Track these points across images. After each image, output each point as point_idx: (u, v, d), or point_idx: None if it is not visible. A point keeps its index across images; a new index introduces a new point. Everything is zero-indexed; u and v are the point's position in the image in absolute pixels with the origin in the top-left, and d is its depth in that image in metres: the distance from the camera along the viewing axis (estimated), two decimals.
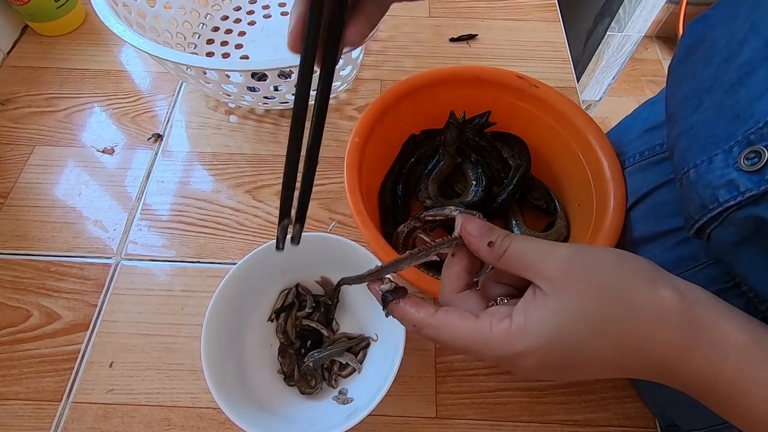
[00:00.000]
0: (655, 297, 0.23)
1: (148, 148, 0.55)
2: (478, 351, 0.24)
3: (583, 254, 0.24)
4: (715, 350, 0.22)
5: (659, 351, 0.22)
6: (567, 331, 0.22)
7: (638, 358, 0.22)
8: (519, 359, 0.23)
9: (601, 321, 0.22)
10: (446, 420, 0.40)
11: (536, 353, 0.23)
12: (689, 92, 0.33)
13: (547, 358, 0.23)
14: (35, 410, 0.40)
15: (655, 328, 0.22)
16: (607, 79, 1.43)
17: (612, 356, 0.22)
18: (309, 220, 0.50)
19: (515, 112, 0.48)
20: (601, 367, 0.23)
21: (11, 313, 0.44)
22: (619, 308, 0.22)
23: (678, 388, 0.23)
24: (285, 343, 0.42)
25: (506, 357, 0.23)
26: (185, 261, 0.47)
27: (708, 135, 0.29)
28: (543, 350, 0.23)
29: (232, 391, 0.35)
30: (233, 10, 0.66)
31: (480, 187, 0.46)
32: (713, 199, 0.27)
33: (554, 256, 0.24)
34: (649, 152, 0.40)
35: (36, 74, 0.60)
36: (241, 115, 0.58)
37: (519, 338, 0.23)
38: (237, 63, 0.53)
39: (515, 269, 0.25)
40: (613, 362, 0.23)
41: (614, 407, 0.41)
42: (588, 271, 0.23)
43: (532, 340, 0.23)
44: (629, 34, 1.28)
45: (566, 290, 0.23)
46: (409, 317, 0.26)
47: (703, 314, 0.23)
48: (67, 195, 0.51)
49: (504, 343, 0.23)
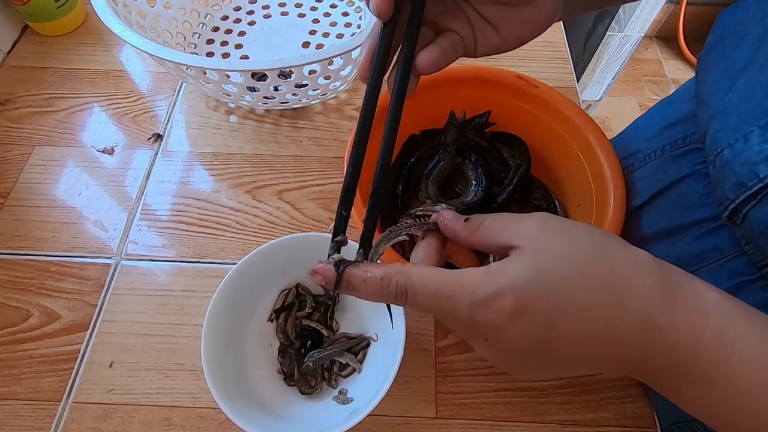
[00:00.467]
0: (630, 253, 0.23)
1: (148, 148, 0.55)
2: (450, 297, 0.22)
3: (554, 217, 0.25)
4: (695, 307, 0.22)
5: (640, 300, 0.21)
6: (548, 270, 0.22)
7: (622, 309, 0.21)
8: (496, 299, 0.21)
9: (581, 264, 0.22)
10: (446, 420, 0.40)
11: (515, 291, 0.21)
12: (720, 74, 0.32)
13: (526, 296, 0.21)
14: (35, 410, 0.40)
15: (635, 276, 0.22)
16: (607, 79, 1.43)
17: (594, 304, 0.21)
18: (309, 220, 0.50)
19: (515, 112, 0.48)
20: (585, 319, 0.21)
21: (11, 313, 0.44)
22: (598, 257, 0.22)
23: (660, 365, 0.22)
24: (285, 343, 0.42)
25: (483, 300, 0.22)
26: (185, 261, 0.47)
27: (742, 113, 0.28)
28: (522, 287, 0.21)
29: (232, 391, 0.35)
30: (233, 10, 0.66)
31: (480, 187, 0.46)
32: (752, 175, 0.26)
33: (530, 218, 0.24)
34: (671, 146, 0.40)
35: (36, 74, 0.60)
36: (241, 115, 0.58)
37: (497, 277, 0.22)
38: (237, 63, 0.53)
39: (492, 236, 0.25)
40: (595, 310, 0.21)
41: (614, 407, 0.41)
42: (564, 227, 0.24)
43: (511, 276, 0.22)
44: (629, 34, 1.28)
45: (544, 240, 0.23)
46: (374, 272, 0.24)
47: (676, 273, 0.23)
48: (67, 195, 0.51)
49: (481, 282, 0.22)
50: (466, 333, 0.24)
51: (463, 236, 0.26)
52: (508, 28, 0.28)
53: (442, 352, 0.43)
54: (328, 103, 0.58)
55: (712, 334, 0.21)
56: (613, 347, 0.22)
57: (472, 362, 0.43)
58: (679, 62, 1.84)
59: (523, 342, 0.22)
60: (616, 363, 0.23)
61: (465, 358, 0.43)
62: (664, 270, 0.23)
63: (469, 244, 0.26)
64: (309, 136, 0.56)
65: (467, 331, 0.24)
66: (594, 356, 0.22)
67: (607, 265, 0.22)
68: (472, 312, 0.22)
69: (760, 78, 0.28)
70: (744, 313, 0.22)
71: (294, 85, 0.50)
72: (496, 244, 0.24)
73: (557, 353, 0.22)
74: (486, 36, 0.28)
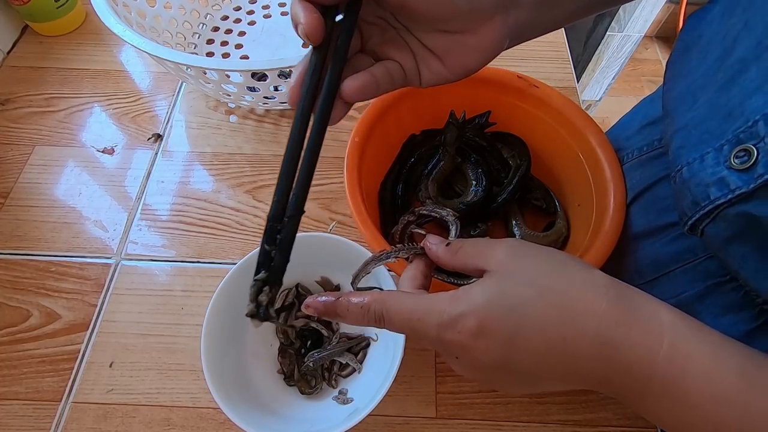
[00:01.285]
0: (589, 274, 0.24)
1: (148, 148, 0.55)
2: (421, 319, 0.24)
3: (524, 243, 0.27)
4: (650, 326, 0.23)
5: (597, 320, 0.23)
6: (508, 292, 0.23)
7: (579, 327, 0.23)
8: (460, 321, 0.23)
9: (541, 285, 0.24)
10: (446, 420, 0.40)
11: (477, 312, 0.23)
12: (684, 89, 0.33)
13: (487, 317, 0.23)
14: (35, 410, 0.40)
15: (590, 296, 0.23)
16: (607, 79, 1.43)
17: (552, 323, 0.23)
18: (309, 220, 0.50)
19: (515, 112, 0.48)
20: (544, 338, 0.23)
21: (11, 313, 0.44)
22: (556, 277, 0.24)
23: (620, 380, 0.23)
24: (285, 343, 0.42)
25: (448, 321, 0.23)
26: (185, 261, 0.47)
27: (701, 133, 0.29)
28: (484, 308, 0.23)
29: (232, 391, 0.35)
30: (233, 10, 0.66)
31: (480, 187, 0.46)
32: (705, 196, 0.27)
33: (500, 243, 0.26)
34: (648, 147, 0.41)
35: (36, 74, 0.60)
36: (241, 115, 0.58)
37: (461, 300, 0.24)
38: (237, 63, 0.53)
39: (470, 260, 0.27)
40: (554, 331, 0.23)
41: (614, 407, 0.41)
42: (529, 251, 0.26)
43: (474, 299, 0.23)
44: (629, 34, 1.28)
45: (510, 266, 0.25)
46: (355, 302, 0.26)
47: (633, 293, 0.24)
48: (67, 195, 0.51)
49: (447, 305, 0.24)
50: (439, 351, 0.26)
51: (444, 260, 0.28)
52: (453, 58, 0.27)
53: None
54: None
55: (666, 352, 0.22)
56: (574, 364, 0.23)
57: None
58: None
59: (488, 359, 0.24)
60: (581, 378, 0.24)
61: None
62: (620, 291, 0.24)
63: (450, 267, 0.28)
64: None
65: (439, 350, 0.26)
66: (559, 372, 0.24)
67: (564, 285, 0.24)
68: (439, 332, 0.24)
69: (718, 100, 0.28)
70: (696, 330, 0.23)
71: None
72: (473, 267, 0.26)
73: (522, 369, 0.24)
74: (430, 66, 0.28)
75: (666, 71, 0.37)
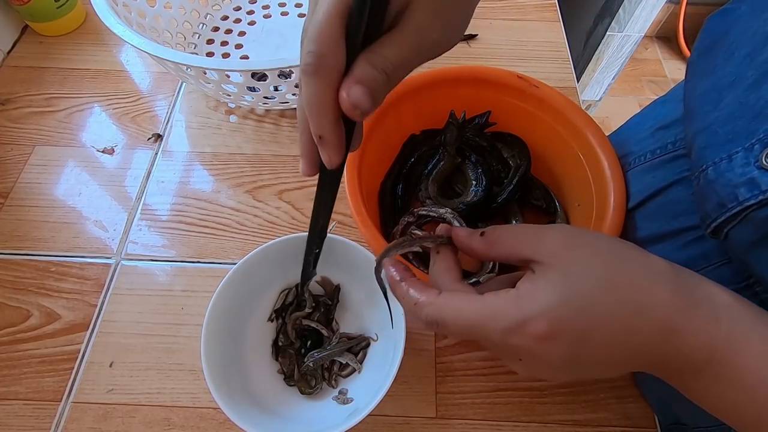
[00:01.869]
0: (648, 260, 0.24)
1: (148, 148, 0.55)
2: (485, 325, 0.23)
3: (575, 229, 0.25)
4: (710, 311, 0.23)
5: (661, 310, 0.22)
6: (576, 290, 0.23)
7: (644, 318, 0.22)
8: (530, 324, 0.22)
9: (607, 279, 0.23)
10: (446, 420, 0.40)
11: (547, 314, 0.22)
12: (709, 87, 0.32)
13: (558, 319, 0.22)
14: (35, 410, 0.40)
15: (654, 286, 0.23)
16: (607, 79, 1.43)
17: (620, 317, 0.22)
18: (309, 219, 0.50)
19: (515, 112, 0.48)
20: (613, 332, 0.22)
21: (11, 313, 0.44)
22: (620, 270, 0.23)
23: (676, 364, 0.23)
24: (285, 343, 0.42)
25: (516, 325, 0.22)
26: (185, 261, 0.47)
27: (728, 132, 0.28)
28: (554, 310, 0.22)
29: (232, 391, 0.35)
30: (233, 10, 0.66)
31: (480, 187, 0.46)
32: (732, 197, 0.27)
33: (549, 231, 0.25)
34: (661, 150, 0.40)
35: (36, 74, 0.60)
36: (241, 115, 0.58)
37: (528, 301, 0.23)
38: (237, 63, 0.53)
39: (510, 250, 0.25)
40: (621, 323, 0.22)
41: (614, 407, 0.41)
42: (585, 239, 0.24)
43: (542, 300, 0.22)
44: (629, 34, 1.28)
45: (568, 256, 0.24)
46: (411, 296, 0.25)
47: (690, 277, 0.24)
48: (67, 195, 0.51)
49: (513, 308, 0.23)
50: (498, 353, 0.26)
51: (480, 251, 0.27)
52: None
53: (442, 352, 0.43)
54: None
55: (724, 335, 0.22)
56: (636, 353, 0.23)
57: (472, 362, 0.43)
58: (679, 62, 1.84)
59: (555, 359, 0.23)
60: (637, 364, 0.24)
61: (465, 358, 0.43)
62: (680, 276, 0.24)
63: (487, 258, 0.27)
64: None
65: (500, 353, 0.25)
66: (618, 361, 0.24)
67: (628, 276, 0.23)
68: (504, 337, 0.23)
69: (747, 98, 0.28)
70: (753, 313, 0.23)
71: (294, 85, 0.50)
72: (517, 258, 0.25)
73: (587, 364, 0.23)
74: None
75: (688, 69, 0.36)
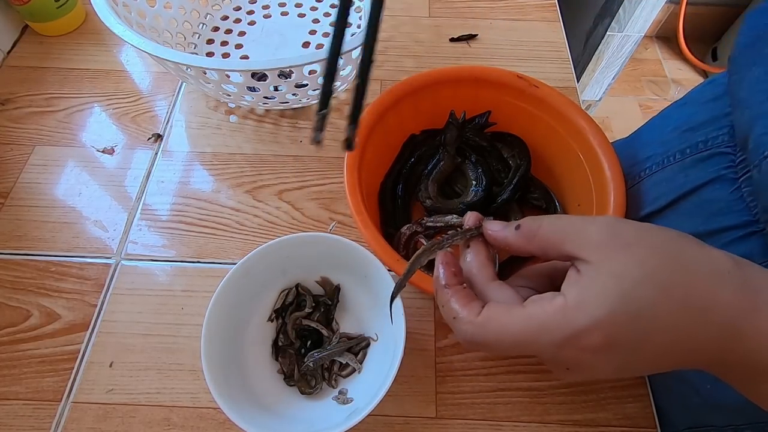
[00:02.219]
0: (708, 256, 0.21)
1: (148, 148, 0.55)
2: (533, 341, 0.21)
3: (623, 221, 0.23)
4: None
5: (724, 313, 0.20)
6: (631, 295, 0.20)
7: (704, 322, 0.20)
8: (583, 338, 0.20)
9: (664, 281, 0.21)
10: (446, 420, 0.40)
11: (602, 326, 0.20)
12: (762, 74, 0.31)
13: (614, 329, 0.20)
14: (35, 410, 0.40)
15: (716, 287, 0.21)
16: (607, 79, 1.43)
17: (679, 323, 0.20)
18: (309, 220, 0.50)
19: (515, 112, 0.48)
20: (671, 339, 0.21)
21: (11, 313, 0.44)
22: (678, 268, 0.21)
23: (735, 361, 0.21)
24: (285, 343, 0.42)
25: (567, 339, 0.21)
26: (185, 261, 0.47)
27: None
28: (609, 320, 0.20)
29: (232, 391, 0.35)
30: (233, 10, 0.66)
31: (480, 187, 0.46)
32: None
33: (594, 224, 0.22)
34: (691, 150, 0.39)
35: (36, 74, 0.60)
36: (241, 115, 0.58)
37: (579, 311, 0.21)
38: (237, 63, 0.53)
39: (552, 245, 0.23)
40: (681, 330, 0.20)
41: (614, 407, 0.41)
42: (637, 234, 0.22)
43: (595, 309, 0.20)
44: (629, 34, 1.28)
45: (619, 255, 0.21)
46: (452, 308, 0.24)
47: (756, 274, 0.22)
48: (67, 195, 0.51)
49: (563, 321, 0.21)
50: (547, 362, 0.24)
51: (517, 245, 0.25)
52: None
53: (442, 352, 0.43)
54: None
55: None
56: (695, 357, 0.22)
57: (472, 362, 0.43)
58: (679, 62, 1.84)
59: (608, 369, 0.22)
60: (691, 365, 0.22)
61: (465, 358, 0.43)
62: (744, 274, 0.21)
63: (525, 252, 0.25)
64: (309, 136, 0.55)
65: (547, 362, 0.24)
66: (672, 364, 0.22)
67: (688, 277, 0.21)
68: (556, 351, 0.21)
69: None
70: None
71: (294, 85, 0.50)
72: (558, 254, 0.23)
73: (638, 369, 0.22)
74: None
75: (731, 65, 0.36)
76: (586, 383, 0.42)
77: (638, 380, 0.42)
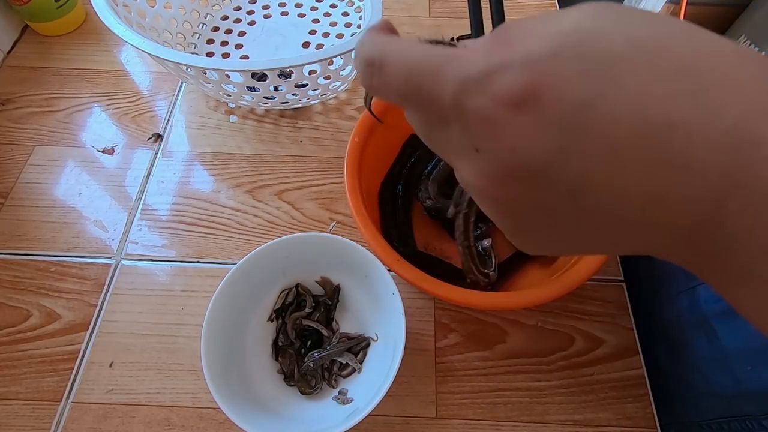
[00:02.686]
0: (729, 40, 0.13)
1: (148, 148, 0.55)
2: (433, 72, 0.15)
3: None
4: None
5: (739, 104, 0.12)
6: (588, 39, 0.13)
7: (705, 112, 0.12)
8: (497, 78, 0.14)
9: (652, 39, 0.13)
10: (446, 420, 0.40)
11: (527, 66, 0.13)
12: None
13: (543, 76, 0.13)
14: (35, 410, 0.40)
15: (733, 64, 0.13)
16: None
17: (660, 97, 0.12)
18: (309, 220, 0.50)
19: None
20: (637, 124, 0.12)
21: (11, 313, 0.44)
22: (680, 35, 0.13)
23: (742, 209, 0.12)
24: (285, 343, 0.42)
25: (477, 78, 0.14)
26: (185, 261, 0.47)
27: None
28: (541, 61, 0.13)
29: (232, 391, 0.35)
30: (233, 10, 0.66)
31: None
32: None
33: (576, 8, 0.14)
34: None
35: (36, 74, 0.60)
36: (241, 115, 0.58)
37: (507, 45, 0.14)
38: (237, 63, 0.53)
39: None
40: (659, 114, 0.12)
41: (614, 407, 0.41)
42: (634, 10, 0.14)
43: (529, 45, 0.14)
44: None
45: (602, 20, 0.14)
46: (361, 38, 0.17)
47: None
48: (67, 195, 0.51)
49: (481, 51, 0.14)
50: (448, 139, 0.16)
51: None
52: None
53: (442, 352, 0.43)
54: (328, 103, 0.58)
55: None
56: (672, 178, 0.13)
57: (472, 362, 0.43)
58: None
59: (529, 151, 0.14)
60: (665, 216, 0.13)
61: (465, 358, 0.43)
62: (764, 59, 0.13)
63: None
64: (309, 136, 0.56)
65: (451, 134, 0.16)
66: (633, 197, 0.13)
67: (692, 45, 0.13)
68: (460, 93, 0.14)
69: None
70: None
71: (294, 85, 0.50)
72: None
73: (575, 183, 0.14)
74: None
75: None
76: (585, 383, 0.42)
77: (638, 380, 0.42)
